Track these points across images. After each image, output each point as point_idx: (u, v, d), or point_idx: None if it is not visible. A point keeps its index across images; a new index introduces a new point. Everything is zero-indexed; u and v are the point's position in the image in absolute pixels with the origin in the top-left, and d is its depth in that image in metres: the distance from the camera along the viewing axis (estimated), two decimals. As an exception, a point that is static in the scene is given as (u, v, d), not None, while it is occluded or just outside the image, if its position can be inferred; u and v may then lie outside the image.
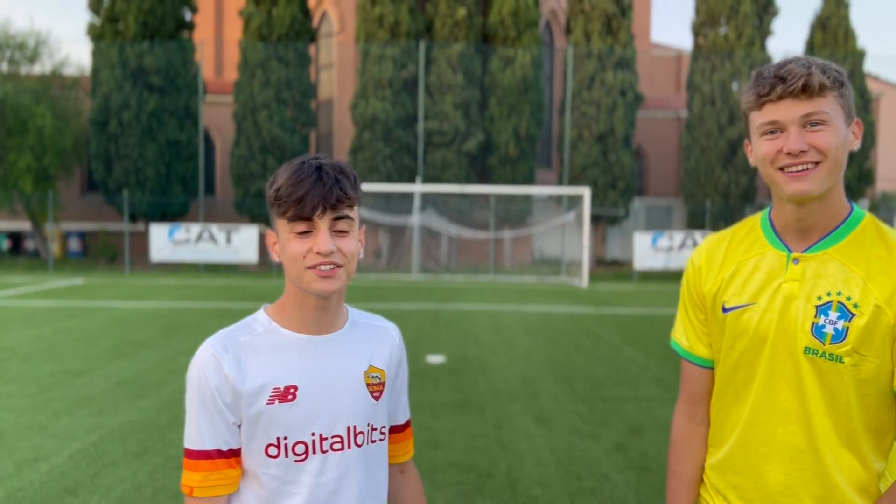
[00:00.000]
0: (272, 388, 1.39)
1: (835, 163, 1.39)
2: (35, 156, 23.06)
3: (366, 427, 1.47)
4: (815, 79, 1.36)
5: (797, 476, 1.44)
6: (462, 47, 23.85)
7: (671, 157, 30.99)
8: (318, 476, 1.42)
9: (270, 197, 1.39)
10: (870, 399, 1.40)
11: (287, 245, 1.38)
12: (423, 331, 10.74)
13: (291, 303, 1.44)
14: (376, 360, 1.52)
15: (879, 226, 1.45)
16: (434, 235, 24.43)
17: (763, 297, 1.47)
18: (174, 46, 24.06)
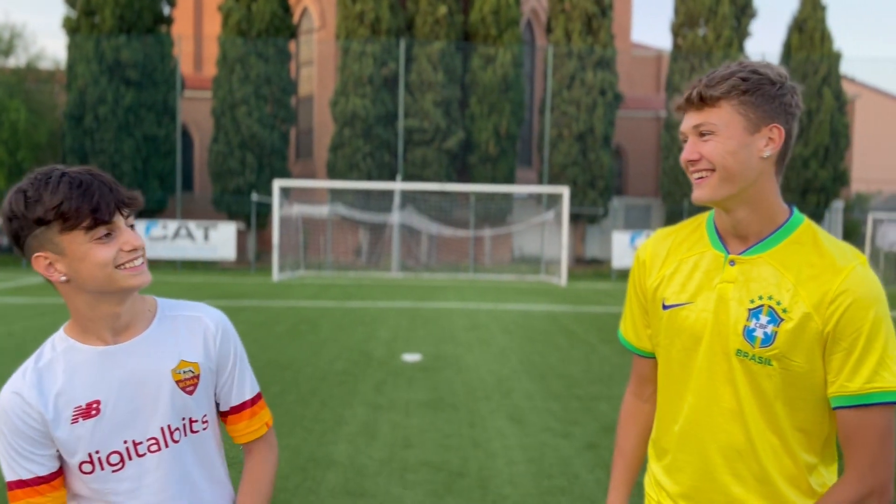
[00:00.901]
0: (74, 407, 1.39)
1: (726, 171, 1.41)
2: (8, 150, 22.74)
3: (181, 423, 1.48)
4: (696, 92, 1.42)
5: (737, 472, 1.46)
6: (443, 45, 23.82)
7: (650, 157, 31.20)
8: (139, 480, 1.44)
9: (45, 216, 1.32)
10: (798, 402, 1.43)
11: (89, 255, 1.34)
12: (400, 329, 10.71)
13: (84, 319, 1.42)
14: (187, 353, 1.50)
15: (816, 233, 1.46)
16: (414, 233, 24.40)
17: (700, 297, 1.49)
18: (152, 41, 23.81)
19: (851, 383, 1.37)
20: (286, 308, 13.04)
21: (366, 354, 8.62)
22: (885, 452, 1.37)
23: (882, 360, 1.36)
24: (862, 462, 1.37)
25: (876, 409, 1.36)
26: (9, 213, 1.33)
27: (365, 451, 5.10)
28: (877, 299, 1.38)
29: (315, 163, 28.16)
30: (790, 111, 1.43)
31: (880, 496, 1.37)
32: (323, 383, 7.10)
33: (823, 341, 1.38)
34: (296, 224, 22.84)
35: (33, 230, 1.32)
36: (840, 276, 1.38)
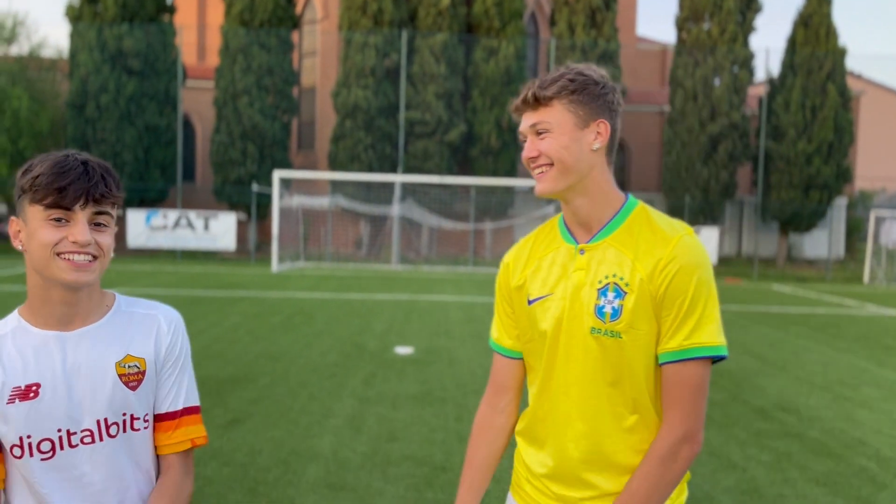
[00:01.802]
0: (12, 388, 1.38)
1: (562, 164, 1.55)
2: (10, 138, 22.74)
3: (120, 417, 1.46)
4: (531, 93, 1.57)
5: (583, 448, 1.59)
6: (445, 37, 23.72)
7: (653, 152, 31.08)
8: (69, 471, 1.42)
9: (25, 184, 1.37)
10: (648, 370, 1.55)
11: (38, 231, 1.36)
12: (394, 321, 10.70)
13: (36, 300, 1.42)
14: (135, 349, 1.49)
15: (648, 212, 1.61)
16: (414, 226, 24.36)
17: (559, 288, 1.62)
18: (154, 30, 23.76)
19: (672, 341, 1.52)
20: (283, 299, 13.04)
21: (358, 346, 8.61)
22: (697, 404, 1.52)
23: (700, 319, 1.50)
24: (676, 413, 1.51)
25: (691, 363, 1.51)
26: (15, 185, 1.41)
27: (349, 444, 5.09)
28: (700, 265, 1.52)
29: (317, 154, 28.12)
30: (613, 108, 1.58)
31: (691, 443, 1.51)
32: (313, 375, 7.09)
33: (658, 306, 1.52)
34: (296, 215, 22.82)
35: (19, 196, 1.38)
36: (669, 245, 1.53)
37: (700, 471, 4.76)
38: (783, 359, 8.79)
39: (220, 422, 5.50)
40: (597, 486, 1.59)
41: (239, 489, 4.22)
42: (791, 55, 24.88)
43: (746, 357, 8.81)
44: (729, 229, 30.32)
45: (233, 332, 9.41)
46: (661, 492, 1.53)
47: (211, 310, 11.33)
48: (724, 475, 4.71)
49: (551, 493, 1.65)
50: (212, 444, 4.99)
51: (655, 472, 1.52)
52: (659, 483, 1.52)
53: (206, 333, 9.19)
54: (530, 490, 1.70)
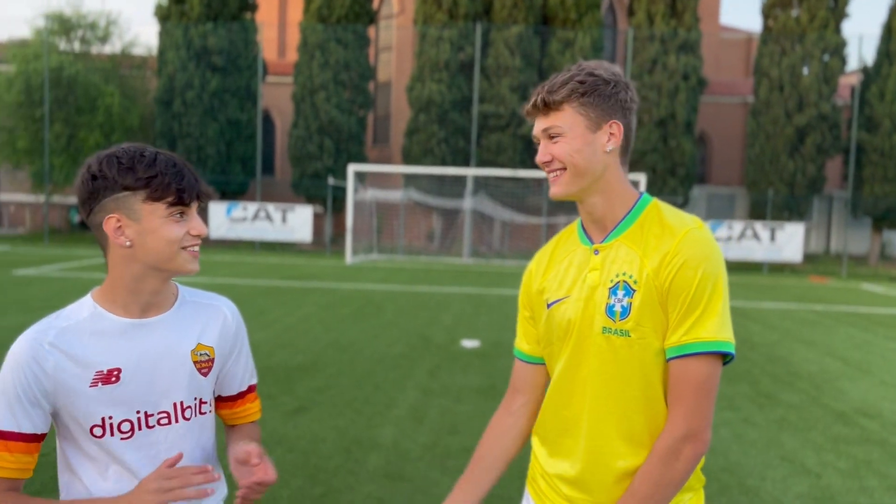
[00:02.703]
0: (95, 371, 1.44)
1: (575, 168, 1.54)
2: (103, 133, 23.91)
3: (193, 401, 1.56)
4: (541, 98, 1.55)
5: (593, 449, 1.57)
6: (520, 29, 23.54)
7: (736, 144, 30.00)
8: (146, 450, 1.50)
9: (136, 182, 1.41)
10: (665, 368, 1.51)
11: (161, 228, 1.43)
12: (463, 315, 10.72)
13: (122, 289, 1.48)
14: (204, 337, 1.58)
15: (661, 209, 1.59)
16: (486, 219, 24.33)
17: (575, 289, 1.61)
18: (237, 27, 24.50)
19: (674, 336, 1.48)
20: (355, 290, 13.25)
21: (425, 339, 8.67)
22: (701, 402, 1.46)
23: (703, 314, 1.47)
24: (679, 410, 1.48)
25: (692, 359, 1.47)
26: (97, 171, 1.41)
27: (411, 435, 5.13)
28: (706, 258, 1.49)
29: (391, 148, 28.43)
30: (626, 106, 1.56)
31: (694, 442, 1.46)
32: (379, 366, 7.18)
33: (665, 301, 1.49)
34: (370, 208, 23.15)
35: (117, 193, 1.40)
36: (676, 239, 1.50)
37: (771, 475, 4.58)
38: (868, 361, 8.35)
39: (287, 409, 5.63)
40: (605, 489, 1.57)
41: (300, 475, 4.32)
42: (887, 42, 23.53)
43: (829, 359, 8.42)
44: (816, 225, 29.00)
45: (305, 321, 9.62)
46: (662, 492, 1.48)
47: (285, 300, 11.63)
48: (797, 481, 4.51)
49: (562, 493, 1.64)
50: (277, 430, 5.13)
51: (656, 471, 1.48)
52: (660, 482, 1.47)
53: (280, 323, 9.43)
54: (543, 486, 1.70)
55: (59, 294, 11.40)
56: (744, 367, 7.79)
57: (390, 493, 4.12)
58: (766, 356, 8.42)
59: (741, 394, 6.64)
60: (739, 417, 5.88)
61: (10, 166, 24.62)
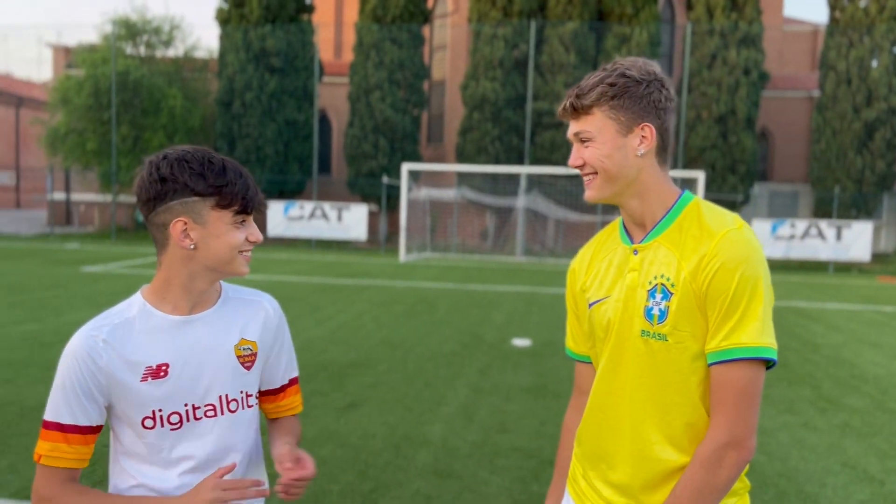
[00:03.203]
0: (145, 367, 1.51)
1: (606, 173, 1.52)
2: (167, 134, 24.65)
3: (238, 395, 1.61)
4: (569, 103, 1.54)
5: (632, 453, 1.55)
6: (576, 25, 23.29)
7: (800, 140, 29.04)
8: (194, 440, 1.56)
9: (207, 189, 1.47)
10: (705, 372, 1.48)
11: (226, 235, 1.50)
12: (514, 314, 10.68)
13: (174, 287, 1.54)
14: (248, 332, 1.63)
15: (701, 208, 1.54)
16: (540, 218, 24.16)
17: (615, 289, 1.59)
18: (294, 29, 24.93)
19: (713, 341, 1.45)
20: (408, 288, 13.34)
21: (476, 337, 8.66)
22: (744, 408, 1.43)
23: (742, 319, 1.43)
24: (721, 417, 1.44)
25: (733, 365, 1.43)
26: (167, 174, 1.46)
27: (460, 433, 5.14)
28: (745, 260, 1.44)
29: (445, 146, 28.49)
30: (660, 106, 1.51)
31: (738, 450, 1.43)
32: (430, 363, 7.21)
33: (703, 305, 1.46)
34: (424, 207, 23.25)
35: (186, 197, 1.46)
36: (714, 240, 1.46)
37: (831, 482, 4.43)
38: (940, 366, 7.99)
39: (339, 405, 5.71)
40: (646, 493, 1.55)
41: (350, 471, 4.37)
42: (964, 31, 22.45)
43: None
44: (886, 224, 27.85)
45: (357, 318, 9.74)
46: (705, 499, 1.45)
47: (340, 297, 11.78)
48: (859, 488, 4.35)
49: (602, 496, 1.62)
50: (328, 426, 5.20)
51: (699, 477, 1.45)
52: (703, 489, 1.44)
53: (333, 320, 9.57)
54: (584, 487, 1.69)
55: (124, 290, 11.81)
56: (806, 369, 7.54)
57: (438, 490, 4.14)
58: (830, 359, 8.14)
59: (802, 397, 6.44)
60: (800, 422, 5.70)
61: (80, 167, 25.59)
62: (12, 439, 4.74)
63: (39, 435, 1.50)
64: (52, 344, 7.58)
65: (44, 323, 8.72)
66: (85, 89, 24.13)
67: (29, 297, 10.70)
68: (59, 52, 30.21)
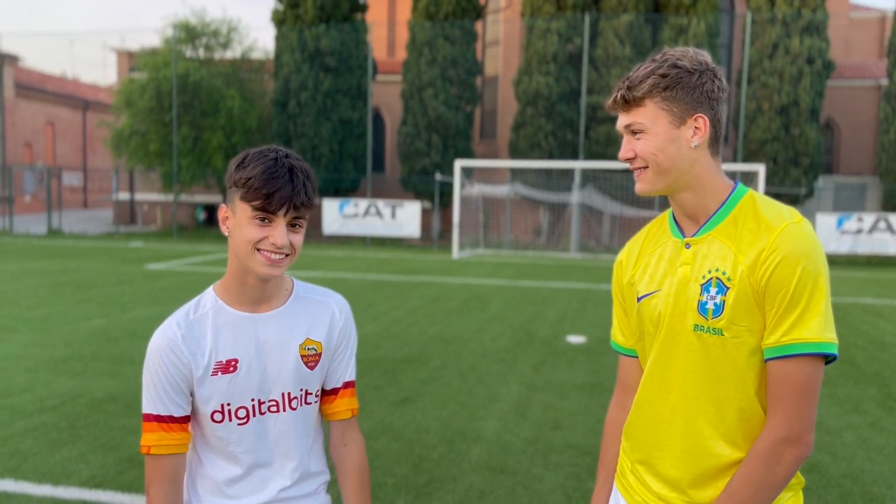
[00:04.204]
0: (216, 361, 1.58)
1: (658, 166, 1.50)
2: (225, 134, 25.21)
3: (299, 392, 1.65)
4: (621, 94, 1.50)
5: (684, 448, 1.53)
6: (631, 17, 22.91)
7: (868, 131, 27.96)
8: (257, 436, 1.62)
9: (238, 180, 1.52)
10: (761, 367, 1.46)
11: (244, 227, 1.52)
12: (568, 310, 10.59)
13: (234, 281, 1.60)
14: (314, 333, 1.67)
15: (756, 201, 1.52)
16: (595, 213, 23.87)
17: (665, 283, 1.57)
18: (348, 28, 25.19)
19: (773, 336, 1.43)
20: (460, 285, 13.37)
21: (529, 334, 8.63)
22: (803, 404, 1.41)
23: (804, 314, 1.41)
24: (779, 413, 1.42)
25: (793, 360, 1.41)
26: (230, 171, 1.55)
27: (513, 429, 5.13)
28: (806, 255, 1.42)
29: (498, 142, 28.40)
30: (713, 97, 1.49)
31: (796, 446, 1.42)
32: (483, 359, 7.21)
33: (761, 300, 1.43)
34: (476, 203, 23.22)
35: (230, 186, 1.54)
36: (773, 234, 1.44)
37: (900, 485, 4.27)
38: None
39: (393, 400, 5.76)
40: (697, 488, 1.53)
41: (405, 464, 4.41)
42: None
43: (972, 362, 7.72)
44: (961, 217, 26.59)
45: (411, 314, 9.80)
46: (762, 495, 1.43)
47: (393, 293, 11.88)
48: (930, 492, 4.18)
49: (653, 490, 1.60)
50: (383, 420, 5.26)
51: (756, 473, 1.43)
52: (760, 486, 1.43)
53: (387, 316, 9.65)
54: (633, 482, 1.67)
55: (186, 287, 12.15)
56: (873, 368, 7.28)
57: (492, 485, 4.14)
58: (899, 357, 7.83)
59: (869, 397, 6.21)
60: (866, 422, 5.51)
61: (143, 168, 26.38)
62: (82, 430, 4.93)
63: (143, 428, 1.59)
64: (118, 339, 7.86)
65: (111, 318, 9.05)
66: (147, 92, 24.87)
67: (96, 294, 11.11)
68: (123, 57, 31.21)
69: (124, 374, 6.40)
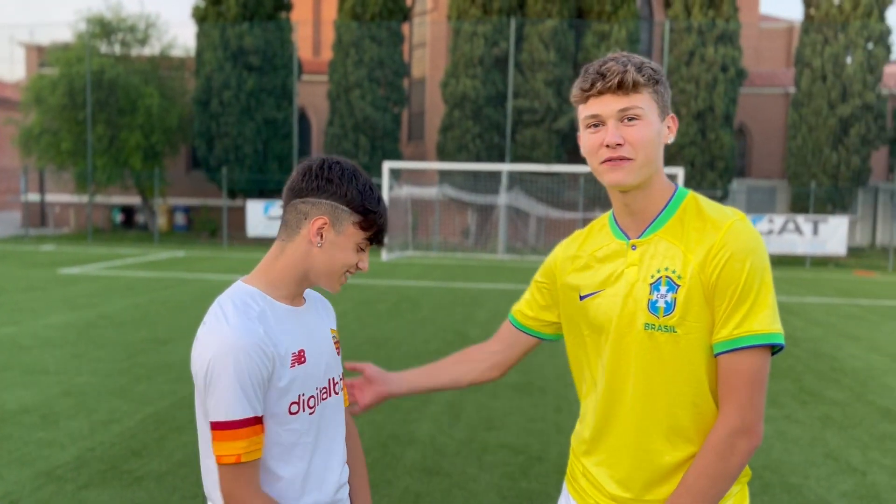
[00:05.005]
0: (291, 353, 1.57)
1: (646, 156, 1.50)
2: (144, 134, 24.37)
3: (339, 377, 1.73)
4: (629, 76, 1.47)
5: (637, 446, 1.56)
6: (555, 23, 23.35)
7: (777, 136, 29.39)
8: (319, 423, 1.64)
9: (357, 206, 1.56)
10: (712, 362, 1.50)
11: (347, 251, 1.59)
12: (498, 311, 10.70)
13: (291, 280, 1.61)
14: (332, 324, 1.77)
15: (699, 202, 1.57)
16: (522, 215, 24.22)
17: (611, 284, 1.59)
18: (272, 27, 24.74)
19: (724, 329, 1.47)
20: (390, 287, 13.32)
21: (461, 335, 8.67)
22: (754, 395, 1.46)
23: (753, 307, 1.45)
24: (732, 404, 1.46)
25: (745, 353, 1.45)
26: (335, 177, 1.55)
27: (447, 430, 5.14)
28: (752, 251, 1.47)
29: (426, 144, 28.47)
30: (671, 101, 1.56)
31: (749, 436, 1.46)
32: (416, 362, 7.20)
33: (711, 296, 1.47)
34: (405, 205, 23.21)
35: (338, 203, 1.54)
36: (720, 232, 1.48)
37: (814, 473, 4.49)
38: (917, 358, 8.12)
39: (325, 404, 5.68)
40: (650, 487, 1.57)
41: (338, 470, 4.35)
42: (935, 28, 22.82)
43: (874, 355, 8.21)
44: (861, 218, 28.27)
45: (341, 318, 9.70)
46: (718, 486, 1.47)
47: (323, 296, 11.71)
48: (841, 479, 4.42)
49: (605, 492, 1.62)
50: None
51: (712, 465, 1.47)
52: (716, 477, 1.46)
53: (316, 319, 9.51)
54: (585, 484, 1.68)
55: (104, 292, 11.67)
56: (787, 363, 7.64)
57: (427, 487, 4.13)
58: (810, 352, 8.24)
59: (784, 390, 6.52)
60: (782, 415, 5.77)
61: (55, 167, 25.21)
62: (-7, 444, 4.66)
63: (220, 438, 1.46)
64: (30, 347, 7.47)
65: (21, 326, 8.60)
66: (59, 88, 23.78)
67: (5, 300, 10.54)
68: (32, 51, 29.76)
69: (38, 384, 6.09)
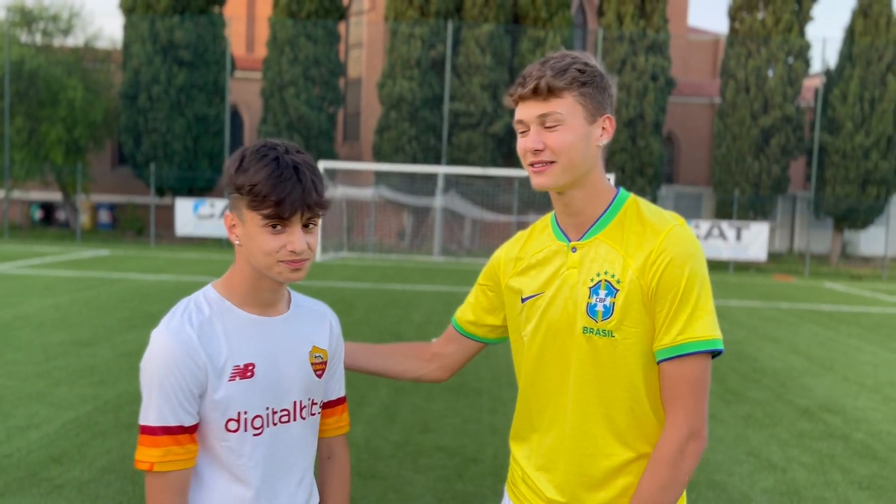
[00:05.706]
0: (233, 366, 1.44)
1: (569, 160, 1.48)
2: (66, 127, 23.41)
3: (308, 401, 1.57)
4: (544, 82, 1.45)
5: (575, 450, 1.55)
6: (492, 28, 23.57)
7: (703, 145, 30.43)
8: (269, 447, 1.50)
9: (241, 186, 1.39)
10: (650, 367, 1.50)
11: (257, 237, 1.41)
12: (434, 313, 10.71)
13: (244, 284, 1.48)
14: (318, 341, 1.59)
15: (639, 205, 1.56)
16: (457, 218, 24.33)
17: (550, 286, 1.58)
18: (204, 21, 24.15)
19: (667, 336, 1.46)
20: (324, 288, 13.17)
21: (396, 336, 8.64)
22: (699, 400, 1.47)
23: (693, 313, 1.45)
24: (679, 411, 1.47)
25: (688, 359, 1.46)
26: (227, 167, 1.44)
27: (382, 433, 5.10)
28: (692, 256, 1.48)
29: (362, 145, 28.29)
30: (613, 103, 1.53)
31: (697, 441, 1.47)
32: (350, 364, 7.13)
33: (651, 301, 1.46)
34: (340, 206, 23.00)
35: (232, 192, 1.42)
36: (659, 237, 1.48)
37: (738, 471, 4.65)
38: (832, 358, 8.52)
39: (257, 408, 5.57)
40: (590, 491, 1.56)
41: (271, 474, 4.27)
42: (849, 45, 24.04)
43: (793, 356, 8.57)
44: (780, 225, 29.54)
45: (274, 319, 9.52)
46: (671, 493, 1.47)
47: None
48: (763, 476, 4.59)
49: (545, 497, 1.61)
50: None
51: (665, 473, 1.47)
52: (669, 485, 1.47)
53: (248, 320, 9.32)
54: (524, 490, 1.67)
55: (21, 292, 11.14)
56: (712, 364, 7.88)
57: (363, 491, 4.09)
58: (733, 354, 8.54)
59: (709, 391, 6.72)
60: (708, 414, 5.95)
61: (-31, 161, 23.97)
62: None
63: (140, 442, 1.39)
64: (-60, 350, 7.07)
65: (-70, 327, 8.12)
66: (-25, 78, 22.63)
67: (-88, 300, 9.94)
68: (-54, 38, 28.20)
69: (-51, 389, 5.76)
